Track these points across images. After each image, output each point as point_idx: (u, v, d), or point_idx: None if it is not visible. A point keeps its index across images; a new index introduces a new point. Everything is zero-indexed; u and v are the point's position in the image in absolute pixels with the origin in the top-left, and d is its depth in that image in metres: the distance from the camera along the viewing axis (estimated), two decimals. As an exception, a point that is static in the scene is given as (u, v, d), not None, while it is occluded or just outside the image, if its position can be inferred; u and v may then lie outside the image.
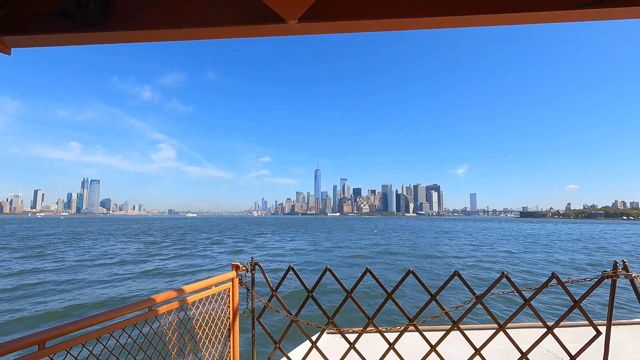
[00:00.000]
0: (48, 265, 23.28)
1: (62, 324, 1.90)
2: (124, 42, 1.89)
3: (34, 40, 1.83)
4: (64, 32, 1.77)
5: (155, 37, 1.82)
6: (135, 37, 1.83)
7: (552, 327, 2.87)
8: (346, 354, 3.24)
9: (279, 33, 1.76)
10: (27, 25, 1.78)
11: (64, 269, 21.52)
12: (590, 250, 36.75)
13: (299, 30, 1.73)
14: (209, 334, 2.98)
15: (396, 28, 1.71)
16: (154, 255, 29.26)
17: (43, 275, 19.44)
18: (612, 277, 2.75)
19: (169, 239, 49.04)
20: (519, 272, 21.62)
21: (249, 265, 3.40)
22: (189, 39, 1.85)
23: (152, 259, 27.31)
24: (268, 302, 3.37)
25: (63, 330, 1.88)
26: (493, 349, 3.39)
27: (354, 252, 32.43)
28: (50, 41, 1.85)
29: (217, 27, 1.73)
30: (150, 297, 2.44)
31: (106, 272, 20.30)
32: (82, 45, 1.91)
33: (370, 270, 3.15)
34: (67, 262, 24.51)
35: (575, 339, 3.88)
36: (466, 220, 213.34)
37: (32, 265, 22.90)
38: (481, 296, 2.95)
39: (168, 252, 32.23)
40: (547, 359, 3.55)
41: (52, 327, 1.85)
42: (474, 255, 30.92)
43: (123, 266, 23.08)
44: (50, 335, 1.80)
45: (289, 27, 1.71)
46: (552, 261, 27.43)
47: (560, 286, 2.84)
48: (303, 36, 2.35)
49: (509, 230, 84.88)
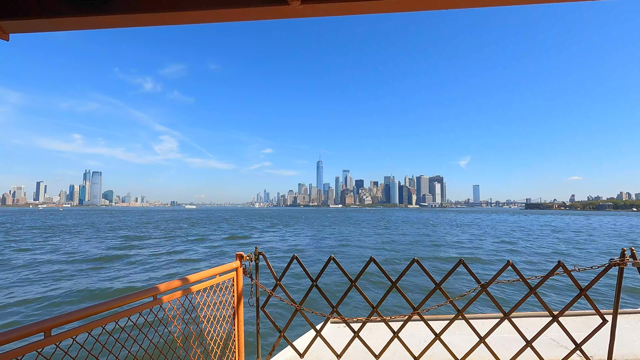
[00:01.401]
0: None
1: (67, 312, 1.90)
2: (126, 26, 1.85)
3: (33, 24, 1.79)
4: (65, 16, 1.72)
5: (156, 20, 1.77)
6: (136, 21, 1.79)
7: (557, 316, 2.86)
8: (350, 343, 3.25)
9: (281, 15, 1.71)
10: (27, 8, 1.73)
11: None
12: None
13: (303, 11, 1.67)
14: (213, 323, 2.99)
15: (405, 9, 1.65)
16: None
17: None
18: (620, 265, 2.72)
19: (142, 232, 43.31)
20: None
21: (253, 255, 3.40)
22: (191, 22, 1.80)
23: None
24: (272, 291, 3.38)
25: (68, 318, 1.88)
26: (498, 337, 3.39)
27: (369, 255, 28.10)
28: (50, 26, 1.81)
29: (216, 10, 1.68)
30: (155, 286, 2.44)
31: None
32: (84, 29, 1.87)
33: (375, 259, 3.14)
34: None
35: (581, 328, 3.88)
36: (472, 212, 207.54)
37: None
38: (486, 285, 2.94)
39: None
40: (553, 347, 3.55)
41: (57, 315, 1.86)
42: (524, 256, 24.36)
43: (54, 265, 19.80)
44: (55, 323, 1.80)
45: (292, 9, 1.65)
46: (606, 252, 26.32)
47: (567, 274, 2.82)
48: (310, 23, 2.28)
49: (526, 222, 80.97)
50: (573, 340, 2.82)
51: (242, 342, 3.33)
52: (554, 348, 3.54)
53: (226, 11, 1.70)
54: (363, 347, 3.27)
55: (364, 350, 3.31)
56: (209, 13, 1.71)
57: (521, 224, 71.57)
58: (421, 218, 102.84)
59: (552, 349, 3.53)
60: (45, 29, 1.84)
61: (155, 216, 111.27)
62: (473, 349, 3.00)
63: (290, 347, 3.49)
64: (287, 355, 3.53)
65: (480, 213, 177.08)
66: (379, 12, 1.68)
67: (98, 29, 1.87)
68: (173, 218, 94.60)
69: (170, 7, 1.69)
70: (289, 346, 3.48)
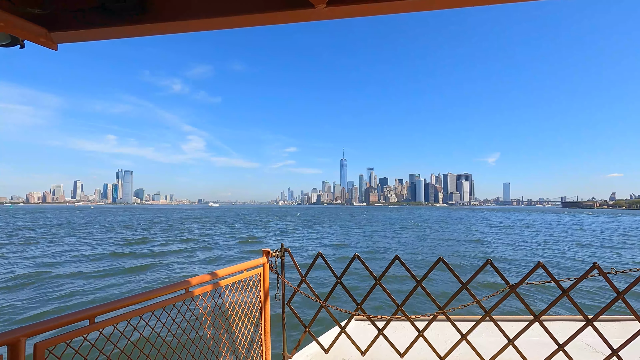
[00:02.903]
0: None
1: (109, 301, 2.05)
2: (159, 33, 1.96)
3: (77, 35, 1.94)
4: (104, 27, 1.86)
5: (187, 27, 1.87)
6: (169, 29, 1.89)
7: (592, 320, 2.74)
8: (375, 340, 3.27)
9: (308, 18, 1.75)
10: (71, 20, 1.88)
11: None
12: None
13: (328, 14, 1.71)
14: (241, 316, 3.10)
15: (430, 7, 1.64)
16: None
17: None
18: None
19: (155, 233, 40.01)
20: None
21: (279, 252, 3.49)
22: (219, 28, 1.89)
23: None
24: (297, 287, 3.45)
25: (110, 307, 2.03)
26: (527, 340, 3.29)
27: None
28: (92, 35, 1.96)
29: (245, 15, 1.75)
30: (187, 280, 2.57)
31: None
32: (121, 38, 2.00)
33: (399, 257, 3.14)
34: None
35: (618, 333, 3.68)
36: (507, 211, 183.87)
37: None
38: (515, 285, 2.86)
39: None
40: (587, 353, 3.39)
41: (101, 303, 2.01)
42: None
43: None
44: (99, 310, 1.96)
45: (318, 12, 1.69)
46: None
47: (602, 277, 2.70)
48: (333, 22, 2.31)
49: (588, 222, 69.09)
50: (609, 345, 2.69)
51: (269, 336, 3.43)
52: (588, 353, 3.38)
53: (254, 16, 1.76)
54: (387, 345, 3.28)
55: (388, 348, 3.31)
56: (239, 18, 1.79)
57: (585, 226, 58.88)
58: (457, 218, 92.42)
59: (587, 354, 3.37)
60: (88, 39, 2.00)
61: (173, 214, 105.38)
62: (501, 351, 2.92)
63: (315, 343, 3.55)
64: (312, 350, 3.59)
65: (519, 212, 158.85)
66: (403, 12, 1.68)
67: (135, 37, 2.00)
68: (189, 216, 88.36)
69: (202, 15, 1.78)
70: (314, 341, 3.55)
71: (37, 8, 1.76)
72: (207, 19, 1.79)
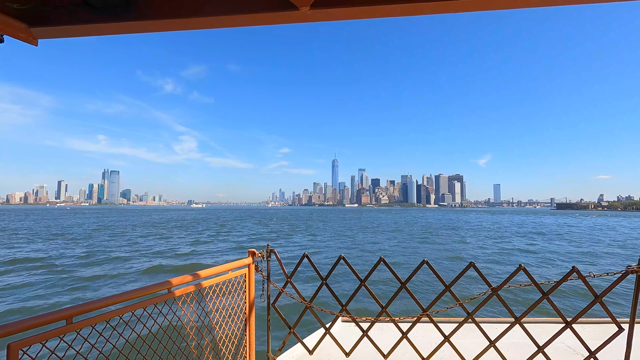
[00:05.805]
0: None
1: (87, 301, 2.02)
2: (146, 31, 1.95)
3: (59, 31, 1.92)
4: (88, 23, 1.85)
5: (175, 26, 1.87)
6: (155, 27, 1.89)
7: (571, 322, 2.80)
8: (359, 342, 3.28)
9: (293, 20, 1.76)
10: (53, 16, 1.86)
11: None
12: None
13: (313, 16, 1.73)
14: (225, 317, 3.08)
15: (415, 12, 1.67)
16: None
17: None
18: (637, 272, 2.64)
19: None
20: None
21: (265, 252, 3.48)
22: (207, 28, 1.91)
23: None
24: (283, 289, 3.45)
25: (89, 307, 2.00)
26: (508, 342, 3.34)
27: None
28: (75, 32, 1.93)
29: (229, 16, 1.76)
30: (168, 280, 2.55)
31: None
32: (107, 35, 1.98)
33: (384, 259, 3.16)
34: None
35: (595, 336, 3.77)
36: (501, 213, 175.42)
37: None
38: (497, 288, 2.91)
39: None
40: (566, 354, 3.46)
41: (79, 304, 1.98)
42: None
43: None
44: (77, 311, 1.93)
45: (302, 14, 1.70)
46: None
47: (581, 280, 2.76)
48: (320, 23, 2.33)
49: (599, 225, 63.80)
50: (587, 347, 2.75)
51: (253, 337, 3.42)
52: (567, 355, 3.45)
53: (240, 17, 1.78)
54: (372, 346, 3.30)
55: (372, 349, 3.33)
56: (225, 19, 1.80)
57: (598, 230, 52.80)
58: (457, 220, 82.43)
59: (565, 356, 3.44)
60: (70, 35, 1.97)
61: (142, 218, 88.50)
62: (483, 353, 2.97)
63: (300, 344, 3.55)
64: (296, 352, 3.59)
65: (517, 214, 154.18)
66: (387, 16, 1.71)
67: (120, 34, 1.98)
68: (157, 221, 71.58)
69: (188, 14, 1.79)
70: (299, 343, 3.55)
71: (17, 3, 1.73)
72: (191, 18, 1.80)
